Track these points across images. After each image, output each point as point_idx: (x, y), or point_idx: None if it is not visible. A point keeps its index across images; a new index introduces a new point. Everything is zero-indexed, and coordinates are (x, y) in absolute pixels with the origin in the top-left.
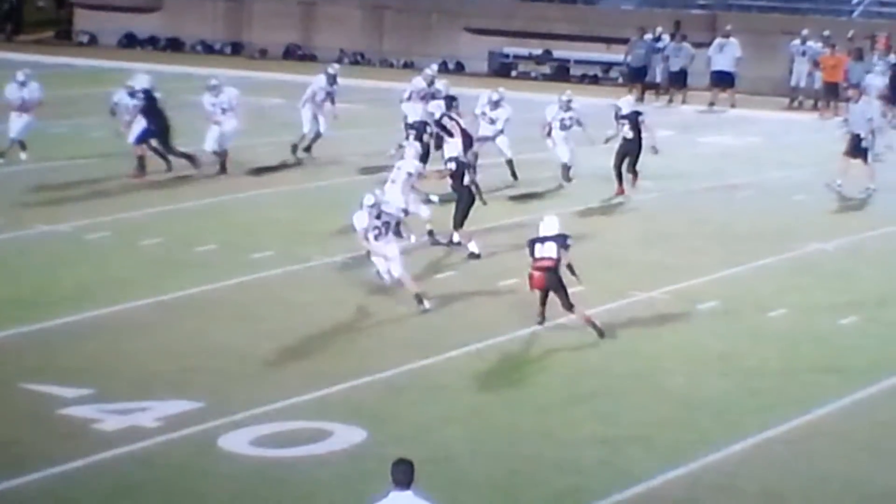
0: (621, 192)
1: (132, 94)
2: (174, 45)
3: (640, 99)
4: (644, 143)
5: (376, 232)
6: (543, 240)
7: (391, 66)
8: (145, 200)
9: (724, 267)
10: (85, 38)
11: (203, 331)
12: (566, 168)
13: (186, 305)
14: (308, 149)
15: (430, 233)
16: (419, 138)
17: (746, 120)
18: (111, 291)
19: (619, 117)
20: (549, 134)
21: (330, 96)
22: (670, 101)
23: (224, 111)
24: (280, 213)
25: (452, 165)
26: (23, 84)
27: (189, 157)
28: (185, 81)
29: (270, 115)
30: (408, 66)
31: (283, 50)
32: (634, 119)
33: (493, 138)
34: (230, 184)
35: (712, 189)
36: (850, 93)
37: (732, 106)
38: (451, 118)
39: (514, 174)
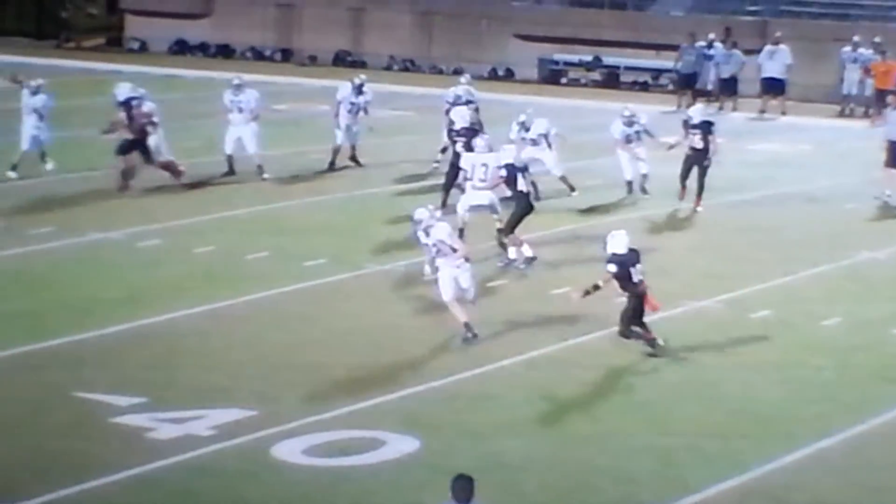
0: (684, 196)
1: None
2: (224, 52)
3: (691, 106)
4: (711, 156)
5: (434, 250)
6: (632, 262)
7: (440, 72)
8: (197, 208)
9: (777, 275)
10: (136, 45)
11: (256, 339)
12: (630, 183)
13: (239, 313)
14: (353, 158)
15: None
16: (468, 146)
17: (797, 127)
18: (164, 299)
19: (689, 126)
20: (622, 148)
21: (356, 106)
22: (720, 108)
23: (241, 110)
24: (332, 221)
25: (503, 172)
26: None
27: (172, 169)
28: None
29: (320, 122)
30: (457, 72)
31: (333, 56)
32: (707, 129)
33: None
34: (282, 191)
35: (763, 197)
36: (889, 99)
37: (783, 113)
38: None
39: (570, 187)
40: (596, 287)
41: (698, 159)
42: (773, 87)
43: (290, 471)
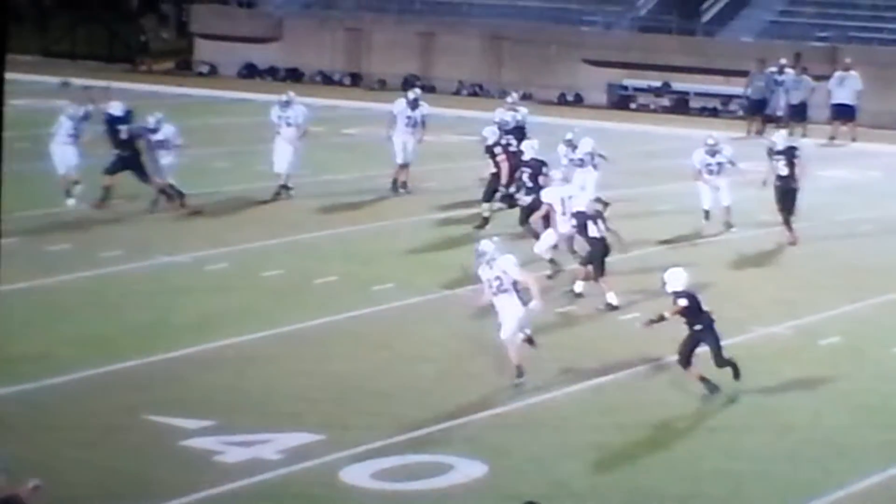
0: (791, 240)
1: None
2: (293, 76)
3: (760, 132)
4: (798, 181)
5: (497, 284)
6: (697, 299)
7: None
8: (265, 231)
9: (846, 302)
10: (205, 69)
11: (323, 363)
12: (707, 212)
13: (307, 337)
14: (397, 181)
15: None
16: (534, 177)
17: (867, 154)
18: (232, 322)
19: (773, 153)
20: (702, 179)
21: (412, 120)
22: (790, 134)
23: (289, 125)
24: (401, 245)
25: (574, 221)
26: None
27: (168, 193)
28: None
29: (389, 147)
30: (526, 97)
31: (402, 80)
32: (791, 155)
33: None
34: (350, 215)
35: (832, 223)
36: None
37: (853, 139)
38: (502, 147)
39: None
40: (661, 318)
41: (786, 187)
42: (843, 113)
43: (359, 495)
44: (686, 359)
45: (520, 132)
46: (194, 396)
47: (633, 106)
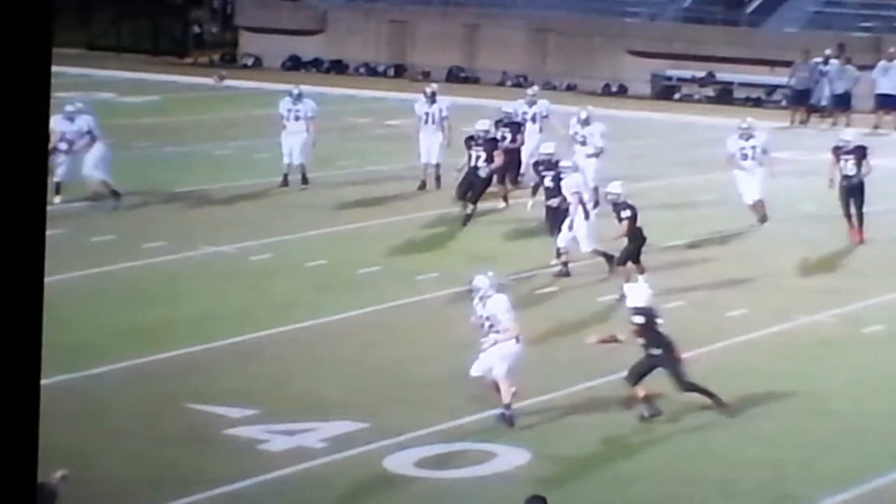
0: (856, 237)
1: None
2: (337, 68)
3: (804, 122)
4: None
5: (488, 325)
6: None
7: (554, 88)
8: (308, 222)
9: (889, 290)
10: (249, 61)
11: (367, 352)
12: (759, 205)
13: (350, 326)
14: (422, 183)
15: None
16: (556, 179)
17: None
18: (275, 312)
19: (842, 152)
20: (736, 165)
21: (430, 116)
22: (834, 124)
23: (298, 118)
24: (444, 235)
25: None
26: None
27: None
28: (348, 103)
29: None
30: (570, 88)
31: (447, 72)
32: (862, 154)
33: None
34: (393, 206)
35: (876, 213)
36: None
37: None
38: (497, 141)
39: (595, 203)
40: (614, 339)
41: (852, 186)
42: (887, 102)
43: (402, 483)
44: (635, 380)
45: (516, 127)
46: (239, 385)
47: (676, 96)
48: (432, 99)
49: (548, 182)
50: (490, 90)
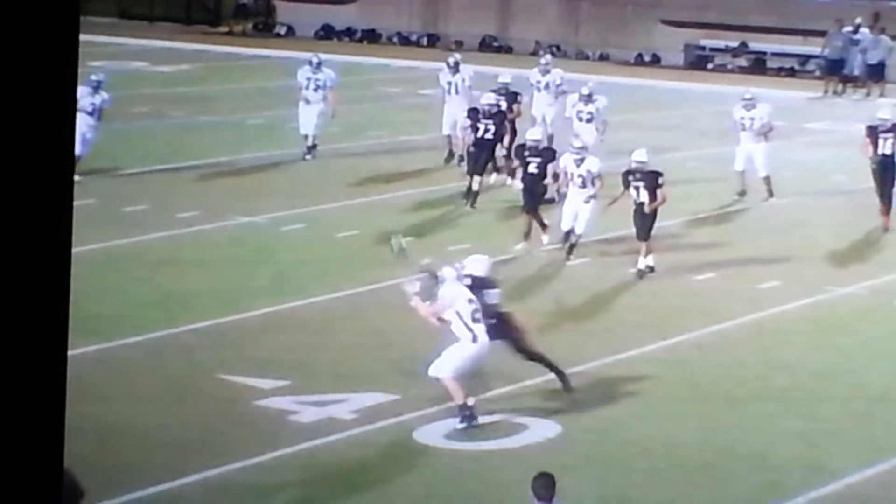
0: (886, 221)
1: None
2: (370, 37)
3: (837, 92)
4: None
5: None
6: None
7: (587, 58)
8: (340, 193)
9: None
10: (283, 30)
11: (398, 323)
12: (766, 181)
13: (382, 298)
14: (450, 153)
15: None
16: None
17: None
18: (307, 283)
19: (880, 130)
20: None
21: (452, 86)
22: (867, 94)
23: (318, 89)
24: (476, 205)
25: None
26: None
27: None
28: (381, 73)
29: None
30: (603, 58)
31: (479, 41)
32: None
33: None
34: (427, 177)
35: None
36: None
37: None
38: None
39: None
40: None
41: (888, 163)
42: None
43: (433, 454)
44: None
45: (512, 97)
46: (269, 357)
47: (710, 66)
48: (455, 69)
49: (532, 168)
50: (523, 60)
